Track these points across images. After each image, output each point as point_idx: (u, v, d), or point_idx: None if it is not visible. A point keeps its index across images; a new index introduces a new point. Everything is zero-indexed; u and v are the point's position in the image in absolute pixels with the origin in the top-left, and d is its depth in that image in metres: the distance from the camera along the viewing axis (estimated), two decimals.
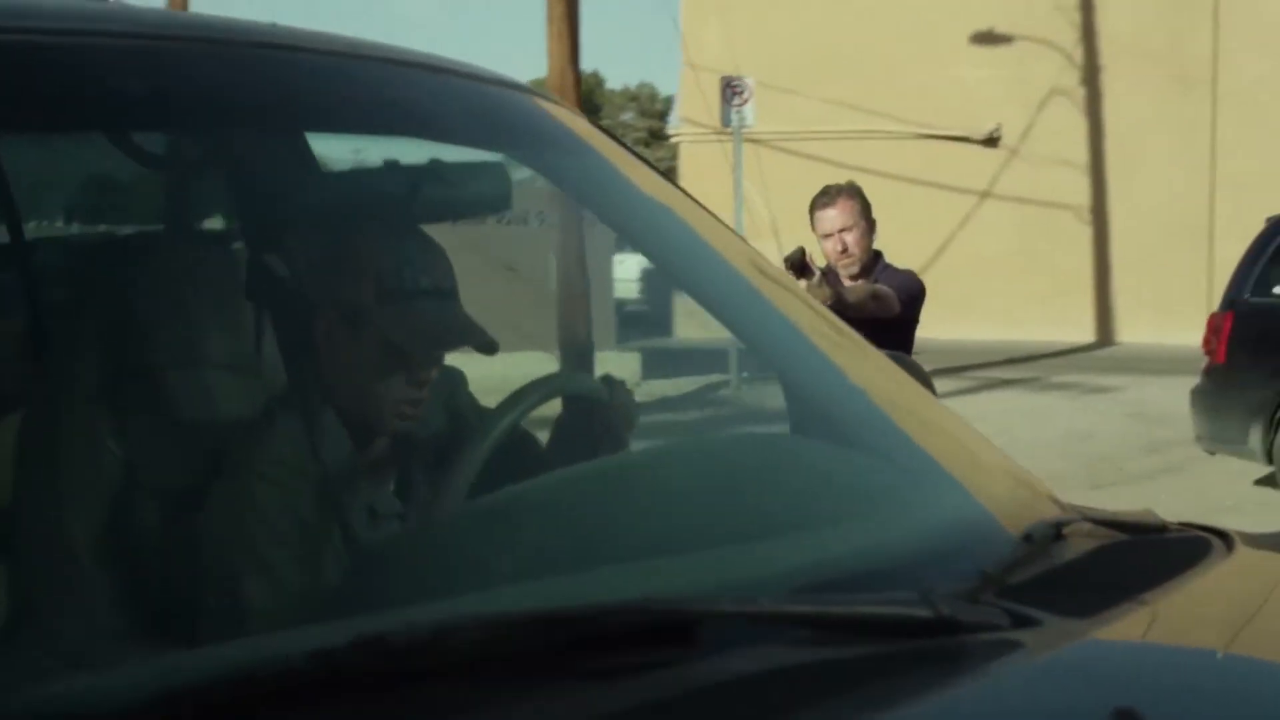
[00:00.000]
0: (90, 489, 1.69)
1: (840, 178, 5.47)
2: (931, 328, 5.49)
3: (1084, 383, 14.57)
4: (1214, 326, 8.50)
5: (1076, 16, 19.86)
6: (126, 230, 2.17)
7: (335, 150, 2.06)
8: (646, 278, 24.15)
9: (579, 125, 2.08)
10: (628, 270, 21.87)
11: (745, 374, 13.36)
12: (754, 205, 17.61)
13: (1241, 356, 8.30)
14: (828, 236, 5.00)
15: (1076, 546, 1.52)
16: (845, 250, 4.97)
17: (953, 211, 19.80)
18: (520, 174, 2.06)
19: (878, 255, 5.07)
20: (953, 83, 20.15)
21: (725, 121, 15.10)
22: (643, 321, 21.14)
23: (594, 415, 2.03)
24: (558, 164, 2.12)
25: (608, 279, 15.99)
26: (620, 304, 19.45)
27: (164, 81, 1.59)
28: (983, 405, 12.49)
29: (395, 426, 1.83)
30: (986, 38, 20.14)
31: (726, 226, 2.09)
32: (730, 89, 14.97)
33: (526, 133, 2.03)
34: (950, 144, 20.30)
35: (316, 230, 2.09)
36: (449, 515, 1.71)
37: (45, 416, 1.75)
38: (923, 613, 1.21)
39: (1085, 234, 19.90)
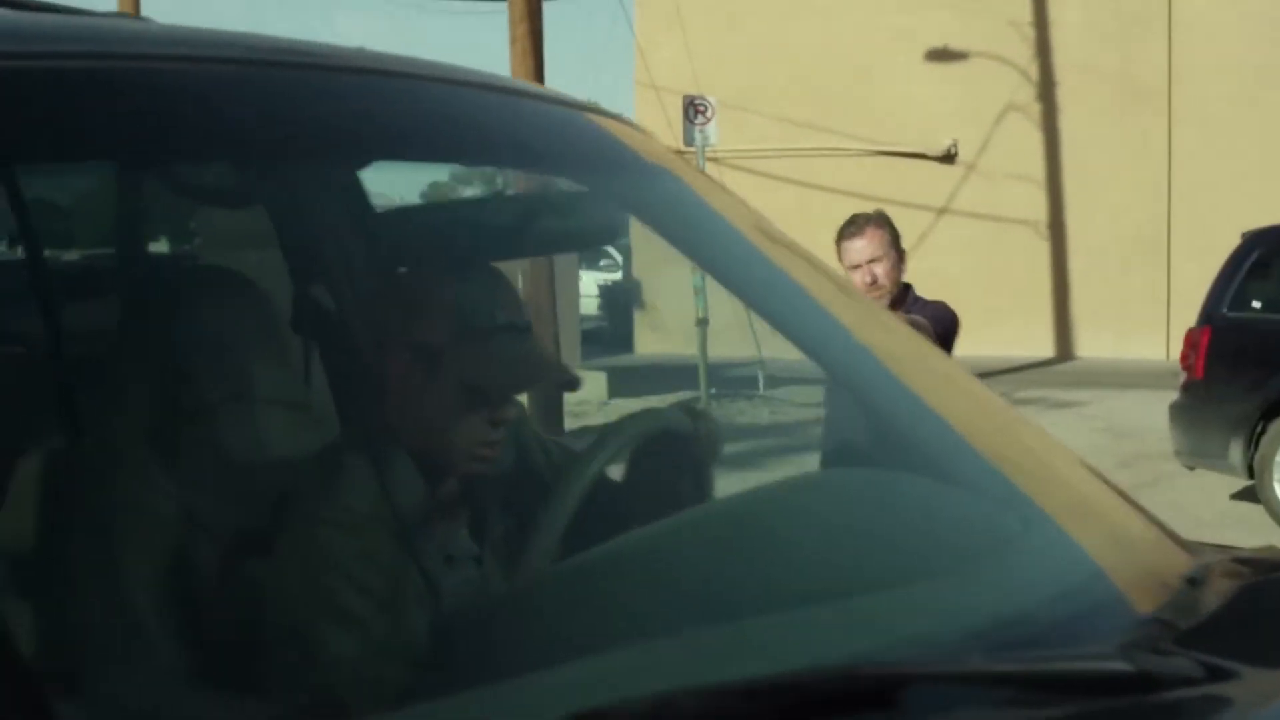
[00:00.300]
0: (145, 536, 1.60)
1: (798, 195, 5.34)
2: None
3: (1048, 398, 14.61)
4: (1191, 342, 8.52)
5: (1030, 33, 19.97)
6: (183, 261, 2.07)
7: (406, 177, 1.98)
8: (604, 294, 24.09)
9: (651, 147, 2.01)
10: (585, 287, 21.79)
11: (714, 391, 13.29)
12: None
13: (1220, 371, 8.33)
14: (856, 268, 4.69)
15: (1221, 587, 1.47)
16: (875, 282, 4.66)
17: (911, 228, 19.62)
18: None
19: (908, 287, 4.80)
20: (909, 100, 20.21)
21: (688, 140, 15.04)
22: (602, 338, 21.06)
23: (678, 449, 1.94)
24: (631, 188, 2.03)
25: (575, 297, 15.91)
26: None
27: (241, 109, 1.51)
28: None
29: (472, 469, 1.75)
30: (941, 55, 20.22)
31: (809, 254, 2.01)
32: (693, 108, 14.94)
33: (599, 156, 1.96)
34: (907, 160, 20.35)
35: (389, 266, 2.01)
36: (553, 572, 1.63)
37: (90, 456, 1.66)
38: (1122, 667, 1.15)
39: (1043, 249, 19.99)
